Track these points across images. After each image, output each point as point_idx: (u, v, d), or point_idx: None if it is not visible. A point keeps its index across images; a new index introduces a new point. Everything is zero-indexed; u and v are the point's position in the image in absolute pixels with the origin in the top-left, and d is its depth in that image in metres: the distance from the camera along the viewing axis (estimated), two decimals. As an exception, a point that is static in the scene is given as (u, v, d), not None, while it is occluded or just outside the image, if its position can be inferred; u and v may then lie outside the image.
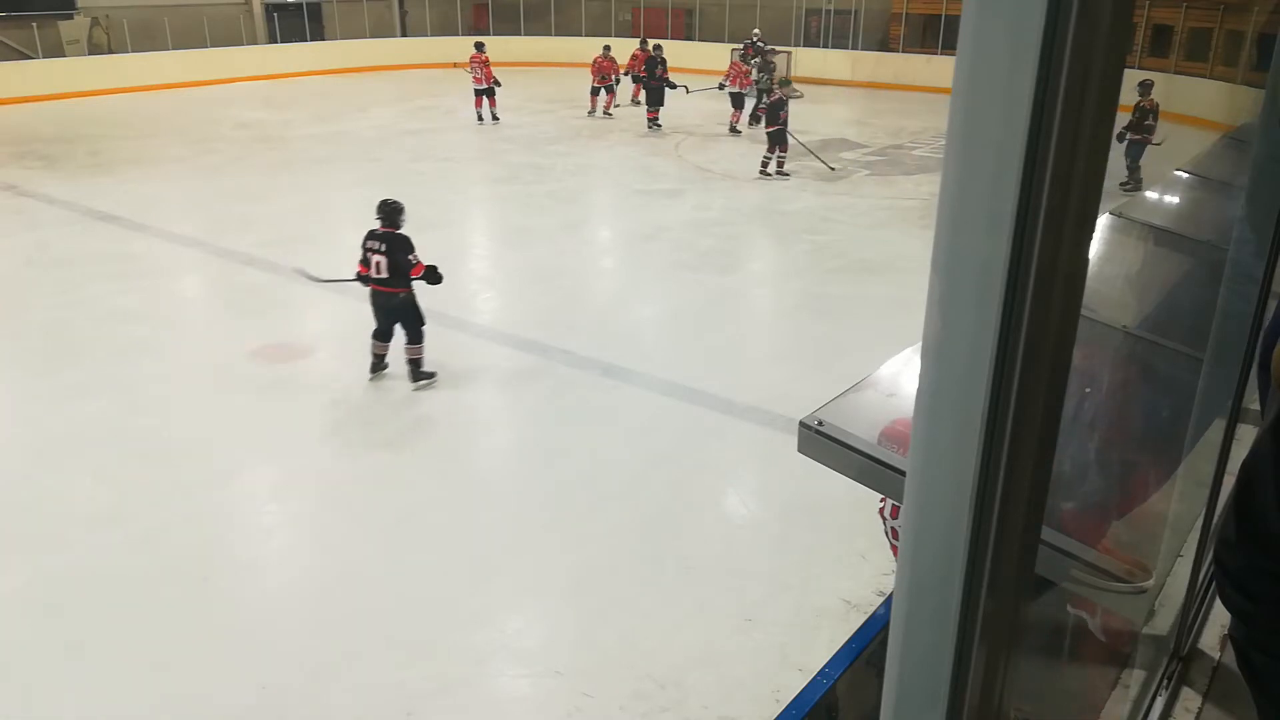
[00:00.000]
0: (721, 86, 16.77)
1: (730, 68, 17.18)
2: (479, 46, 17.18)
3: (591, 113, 17.91)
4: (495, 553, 4.97)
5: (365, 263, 6.77)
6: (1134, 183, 11.79)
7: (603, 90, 17.81)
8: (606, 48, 17.97)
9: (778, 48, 20.19)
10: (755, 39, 20.27)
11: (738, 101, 16.57)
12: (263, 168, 13.77)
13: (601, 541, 5.07)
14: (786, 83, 13.53)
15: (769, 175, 13.31)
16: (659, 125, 16.68)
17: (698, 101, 17.17)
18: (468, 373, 7.43)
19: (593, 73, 17.66)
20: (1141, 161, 11.99)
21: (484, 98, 17.20)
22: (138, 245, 10.12)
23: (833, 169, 13.54)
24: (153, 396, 6.61)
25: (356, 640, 4.29)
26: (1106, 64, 0.54)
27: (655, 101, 16.55)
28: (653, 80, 16.41)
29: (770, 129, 13.22)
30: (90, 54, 20.90)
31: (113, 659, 4.17)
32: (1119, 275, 3.06)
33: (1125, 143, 11.94)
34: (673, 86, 16.38)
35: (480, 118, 17.31)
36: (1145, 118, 12.07)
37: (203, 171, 13.45)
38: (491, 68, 17.07)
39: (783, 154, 13.37)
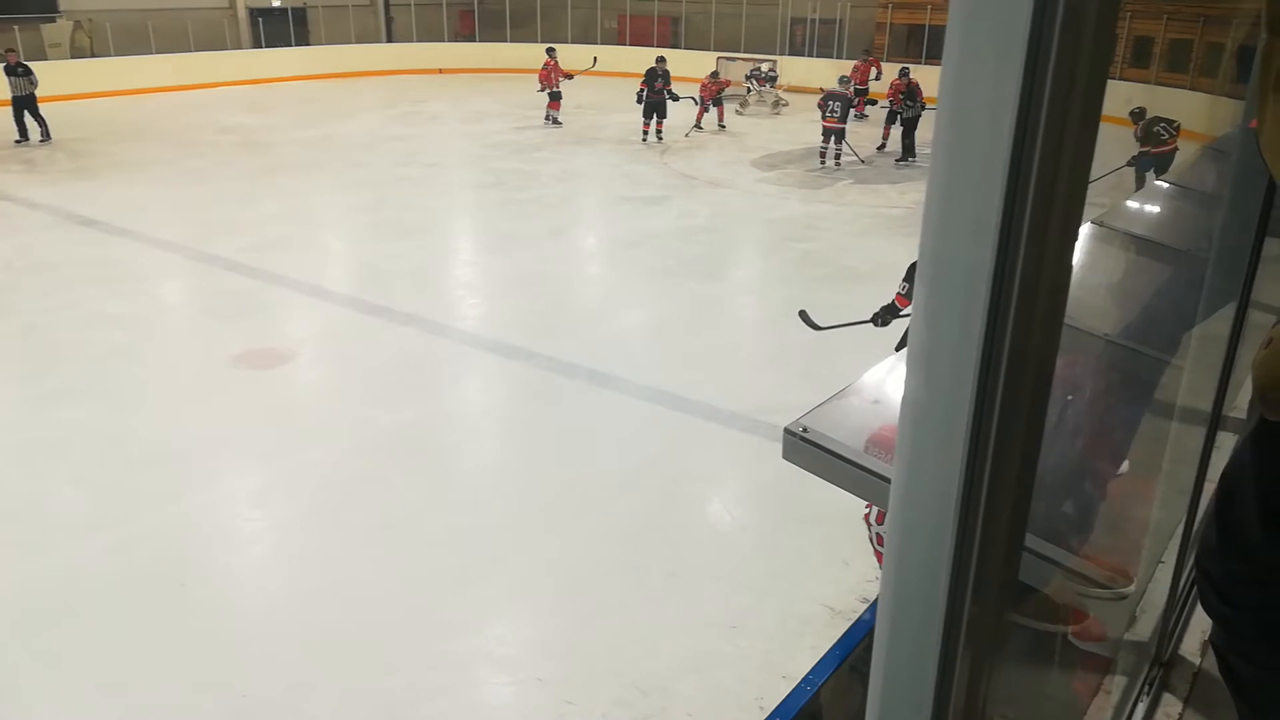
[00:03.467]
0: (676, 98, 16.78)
1: (705, 80, 17.52)
2: (549, 51, 17.97)
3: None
4: (479, 560, 4.95)
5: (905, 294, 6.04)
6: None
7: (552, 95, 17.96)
8: (550, 50, 18.27)
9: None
10: (767, 70, 20.74)
11: (703, 104, 17.54)
12: (247, 173, 13.70)
13: (586, 548, 5.06)
14: (846, 80, 15.12)
15: (837, 164, 14.68)
16: (661, 138, 16.58)
17: (686, 112, 17.18)
18: (452, 378, 7.41)
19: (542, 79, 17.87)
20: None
21: (552, 101, 17.85)
22: (120, 250, 10.06)
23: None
24: (134, 402, 6.56)
25: (338, 648, 4.27)
26: (1090, 74, 0.54)
27: (658, 114, 16.40)
28: (652, 94, 16.25)
29: (839, 124, 14.30)
30: (73, 57, 20.77)
31: (91, 666, 4.12)
32: (1101, 284, 3.09)
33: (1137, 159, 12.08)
34: (675, 99, 16.34)
35: (555, 120, 17.94)
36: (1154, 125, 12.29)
37: (187, 176, 13.38)
38: (548, 71, 17.66)
39: (838, 146, 14.61)
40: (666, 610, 4.58)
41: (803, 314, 6.09)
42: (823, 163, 14.72)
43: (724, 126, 17.93)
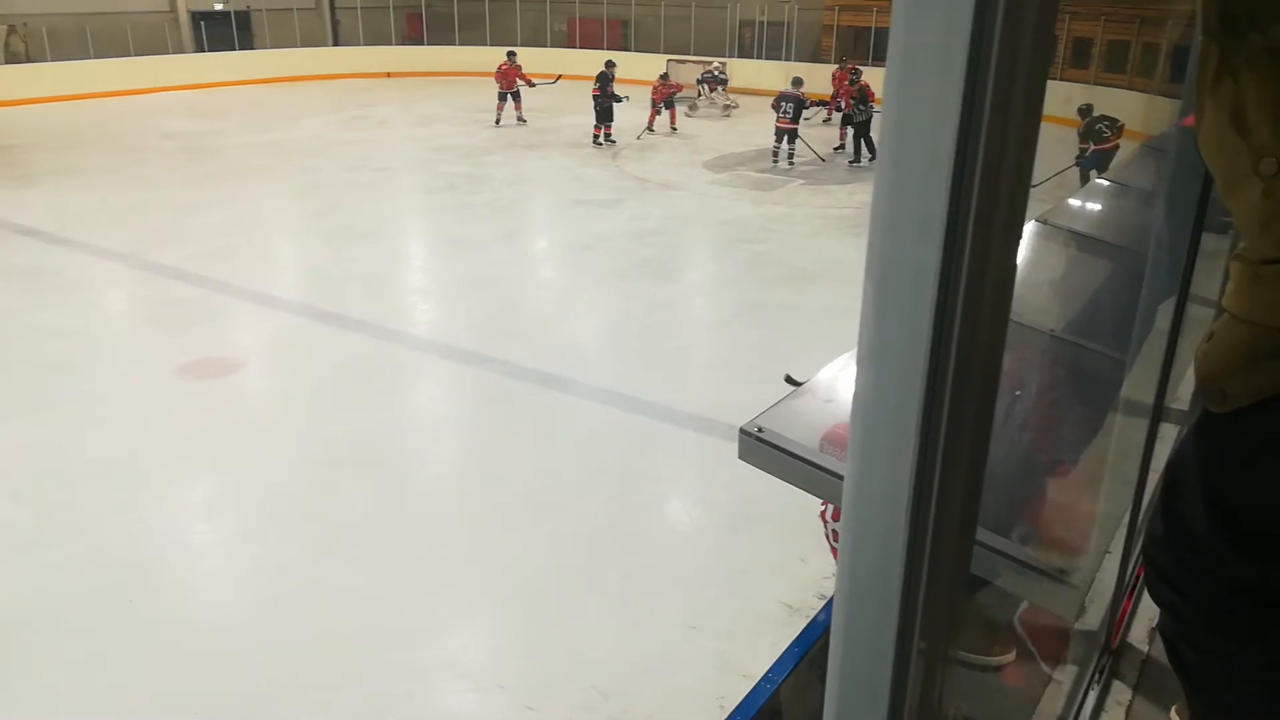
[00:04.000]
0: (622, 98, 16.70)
1: (656, 83, 17.60)
2: (510, 55, 18.32)
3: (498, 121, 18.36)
4: (436, 567, 4.91)
5: None
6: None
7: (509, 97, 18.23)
8: (511, 54, 18.52)
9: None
10: (716, 72, 20.85)
11: (654, 105, 17.68)
12: (191, 179, 13.45)
13: (544, 553, 5.04)
14: (799, 81, 15.44)
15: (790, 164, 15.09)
16: (613, 141, 16.53)
17: (636, 114, 17.20)
18: (405, 385, 7.34)
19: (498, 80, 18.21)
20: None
21: (503, 101, 18.15)
22: (61, 259, 9.81)
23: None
24: (79, 415, 6.40)
25: (294, 662, 4.20)
26: (1031, 74, 0.55)
27: (605, 118, 16.37)
28: (604, 98, 16.21)
29: (791, 125, 14.80)
30: (8, 63, 20.25)
31: (38, 689, 4.02)
32: (1046, 280, 3.15)
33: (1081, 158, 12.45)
34: (617, 100, 16.22)
35: (498, 121, 18.19)
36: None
37: (129, 183, 13.10)
38: (501, 73, 18.03)
39: (791, 146, 15.01)
40: (626, 612, 4.57)
41: (788, 378, 6.16)
42: (775, 161, 15.00)
43: (676, 129, 17.98)
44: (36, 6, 20.48)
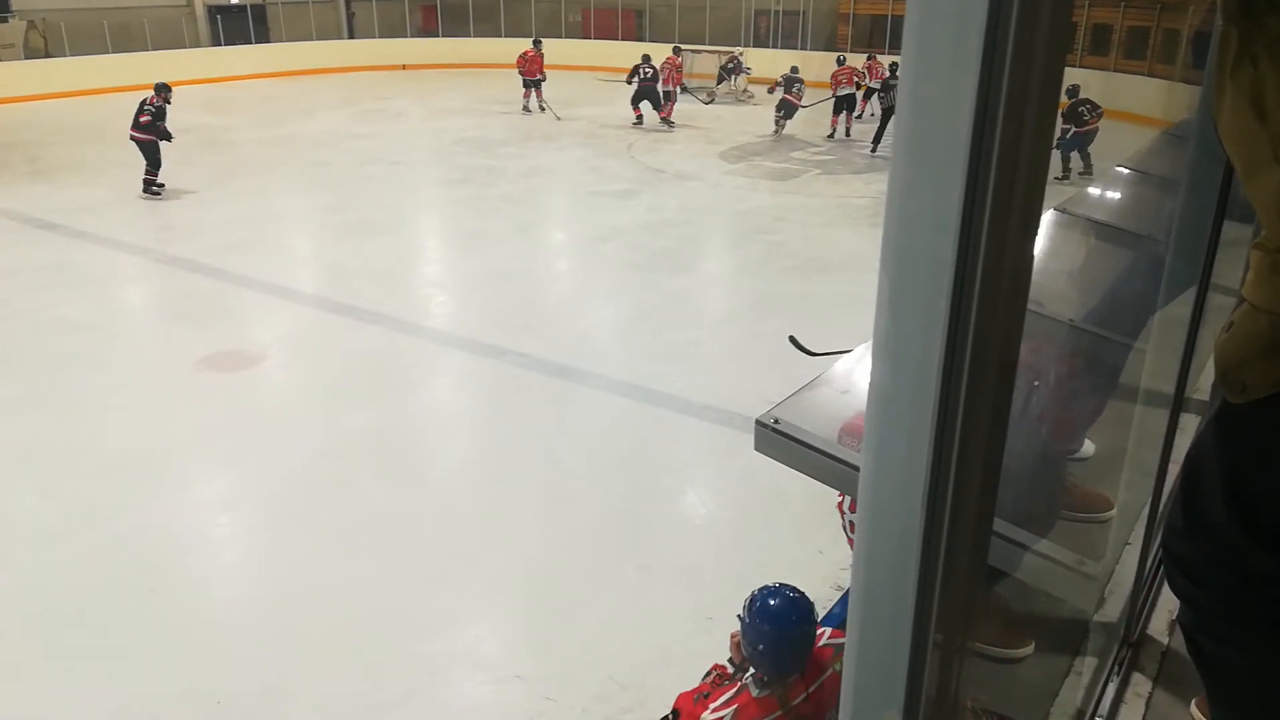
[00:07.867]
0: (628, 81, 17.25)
1: (665, 64, 17.45)
2: (536, 44, 18.69)
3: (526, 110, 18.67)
4: (453, 560, 4.93)
5: None
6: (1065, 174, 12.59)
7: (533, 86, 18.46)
8: (536, 42, 18.85)
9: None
10: (738, 58, 20.85)
11: (667, 95, 17.51)
12: (208, 173, 13.50)
13: (560, 544, 5.05)
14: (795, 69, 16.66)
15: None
16: (672, 124, 17.20)
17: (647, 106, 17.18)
18: (422, 378, 7.37)
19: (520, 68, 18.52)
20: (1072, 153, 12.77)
21: (531, 90, 18.43)
22: (79, 254, 9.89)
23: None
24: (97, 408, 6.46)
25: (312, 653, 4.23)
26: (1047, 63, 0.55)
27: (650, 101, 17.02)
28: (651, 81, 16.99)
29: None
30: (27, 58, 20.39)
31: (59, 678, 4.06)
32: (1064, 269, 3.12)
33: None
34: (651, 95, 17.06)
35: (526, 108, 18.51)
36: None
37: (146, 177, 13.16)
38: (525, 60, 18.33)
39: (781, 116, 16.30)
40: (642, 604, 4.58)
41: (793, 339, 6.14)
42: (776, 132, 16.36)
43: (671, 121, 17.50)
44: (55, 2, 20.62)
